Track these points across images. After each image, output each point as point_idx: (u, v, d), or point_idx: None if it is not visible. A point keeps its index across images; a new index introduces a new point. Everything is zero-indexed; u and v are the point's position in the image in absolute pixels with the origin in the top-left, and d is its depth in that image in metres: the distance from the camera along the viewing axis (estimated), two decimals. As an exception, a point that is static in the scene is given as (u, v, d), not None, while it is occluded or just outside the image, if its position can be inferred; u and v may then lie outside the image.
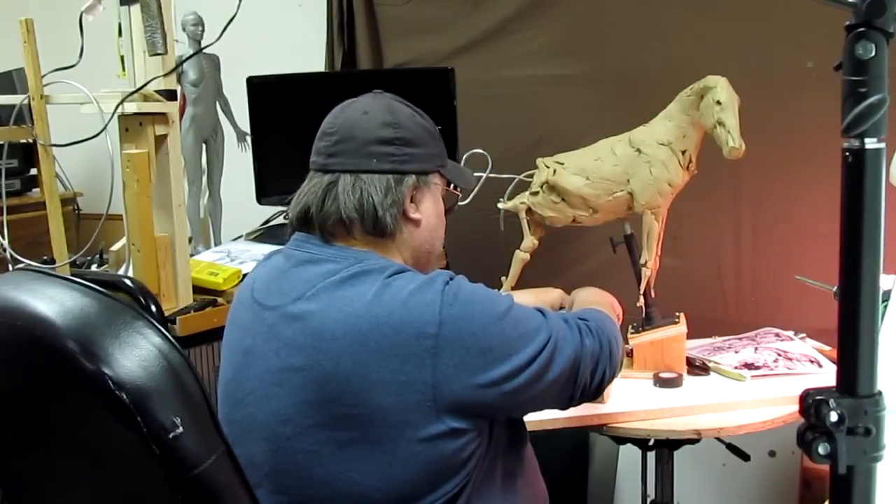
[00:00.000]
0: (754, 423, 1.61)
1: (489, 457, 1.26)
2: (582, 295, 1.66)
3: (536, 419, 1.47)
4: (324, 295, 1.20)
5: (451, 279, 1.22)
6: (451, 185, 1.41)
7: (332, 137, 1.30)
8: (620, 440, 1.77)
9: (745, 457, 1.83)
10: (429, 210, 1.34)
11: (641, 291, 1.85)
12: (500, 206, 1.93)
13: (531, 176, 1.94)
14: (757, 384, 1.74)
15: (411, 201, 1.30)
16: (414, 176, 1.30)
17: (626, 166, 1.81)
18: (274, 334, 1.22)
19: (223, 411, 1.30)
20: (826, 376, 1.77)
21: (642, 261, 1.84)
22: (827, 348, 1.91)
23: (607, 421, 1.60)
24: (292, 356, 1.19)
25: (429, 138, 1.34)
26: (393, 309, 1.16)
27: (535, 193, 1.89)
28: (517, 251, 1.94)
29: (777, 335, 1.99)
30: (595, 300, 1.58)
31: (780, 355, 1.85)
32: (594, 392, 1.34)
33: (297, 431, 1.18)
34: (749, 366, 1.80)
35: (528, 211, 1.91)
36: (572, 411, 1.43)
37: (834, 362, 1.83)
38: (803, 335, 1.99)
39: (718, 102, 1.68)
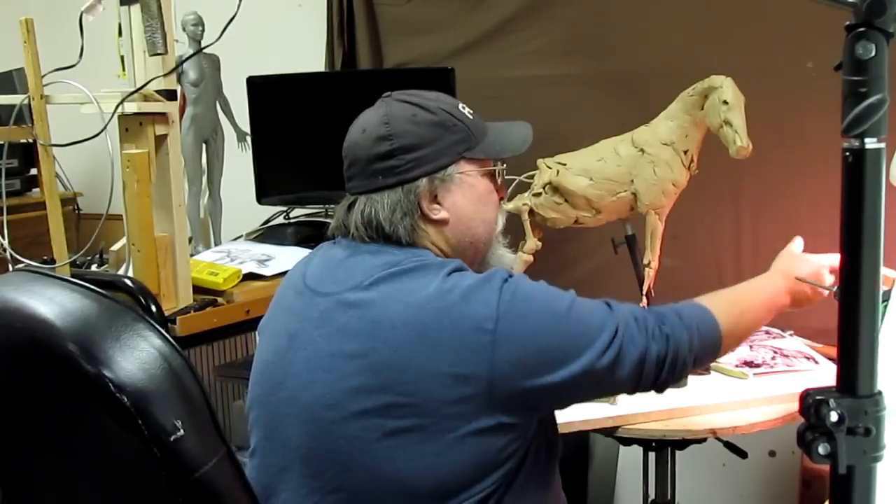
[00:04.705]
0: (766, 420, 1.61)
1: (526, 461, 1.25)
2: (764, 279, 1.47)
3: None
4: (383, 285, 1.20)
5: (510, 276, 1.21)
6: (493, 160, 1.36)
7: (346, 161, 1.31)
8: (629, 441, 1.75)
9: (742, 454, 1.83)
10: (458, 202, 1.30)
11: (644, 292, 1.85)
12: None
13: (531, 177, 1.93)
14: (760, 382, 1.74)
15: (434, 202, 1.28)
16: (424, 179, 1.27)
17: (630, 167, 1.81)
18: (326, 320, 1.22)
19: (256, 392, 1.30)
20: (824, 372, 1.78)
21: (645, 261, 1.84)
22: (818, 345, 1.92)
23: (622, 423, 1.58)
24: (346, 342, 1.19)
25: (438, 132, 1.29)
26: (453, 303, 1.16)
27: (538, 195, 1.89)
28: (520, 253, 1.93)
29: (767, 332, 1.99)
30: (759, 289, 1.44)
31: (776, 353, 1.86)
32: (658, 389, 1.27)
33: (342, 416, 1.18)
34: (749, 364, 1.80)
35: (531, 212, 1.91)
36: (584, 415, 1.56)
37: (828, 358, 1.83)
38: (791, 332, 1.99)
39: (725, 102, 1.68)
